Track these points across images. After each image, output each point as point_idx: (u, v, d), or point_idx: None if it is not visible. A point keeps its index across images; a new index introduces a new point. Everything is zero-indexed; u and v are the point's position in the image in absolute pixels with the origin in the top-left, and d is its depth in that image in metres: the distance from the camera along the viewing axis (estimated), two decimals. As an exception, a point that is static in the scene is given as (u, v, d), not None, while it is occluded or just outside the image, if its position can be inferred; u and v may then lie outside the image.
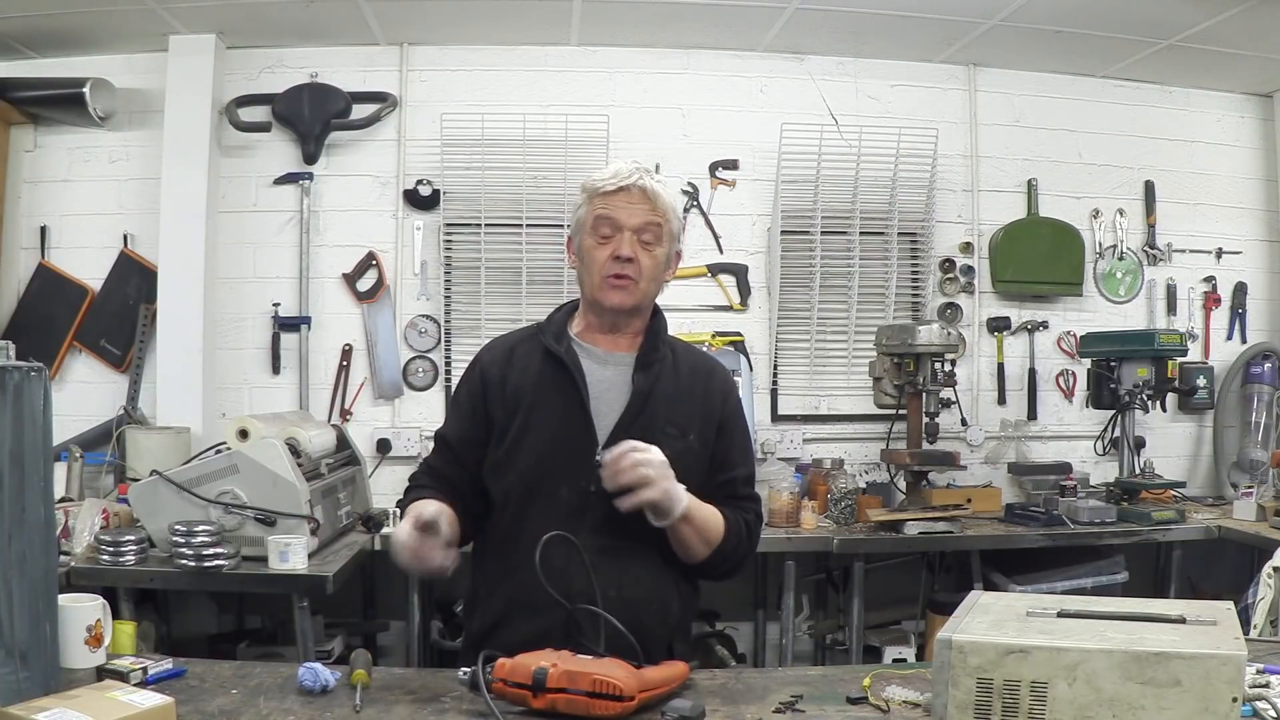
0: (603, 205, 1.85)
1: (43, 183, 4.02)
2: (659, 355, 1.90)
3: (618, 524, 1.76)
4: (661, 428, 1.84)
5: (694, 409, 1.90)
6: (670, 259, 1.92)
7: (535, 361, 1.89)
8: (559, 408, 1.85)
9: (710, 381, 1.96)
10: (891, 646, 3.76)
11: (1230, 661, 1.25)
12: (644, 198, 1.85)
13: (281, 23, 3.83)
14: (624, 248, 1.83)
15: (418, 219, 4.08)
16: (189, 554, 2.76)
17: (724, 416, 1.94)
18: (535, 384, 1.87)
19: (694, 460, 1.86)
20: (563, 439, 1.83)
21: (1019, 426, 4.37)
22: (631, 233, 1.84)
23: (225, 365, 4.00)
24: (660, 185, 1.87)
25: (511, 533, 1.85)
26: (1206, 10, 3.64)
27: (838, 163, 4.18)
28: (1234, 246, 4.51)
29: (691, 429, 1.88)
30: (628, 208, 1.84)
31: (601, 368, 1.89)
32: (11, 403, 1.47)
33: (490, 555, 1.91)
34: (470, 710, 1.55)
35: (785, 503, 3.64)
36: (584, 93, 4.14)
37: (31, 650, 1.48)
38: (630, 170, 1.86)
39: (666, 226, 1.87)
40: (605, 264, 1.84)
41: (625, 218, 1.84)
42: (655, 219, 1.85)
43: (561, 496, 1.81)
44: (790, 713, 1.56)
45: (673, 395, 1.88)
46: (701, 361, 2.01)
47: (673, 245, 1.91)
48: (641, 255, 1.84)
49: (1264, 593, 2.65)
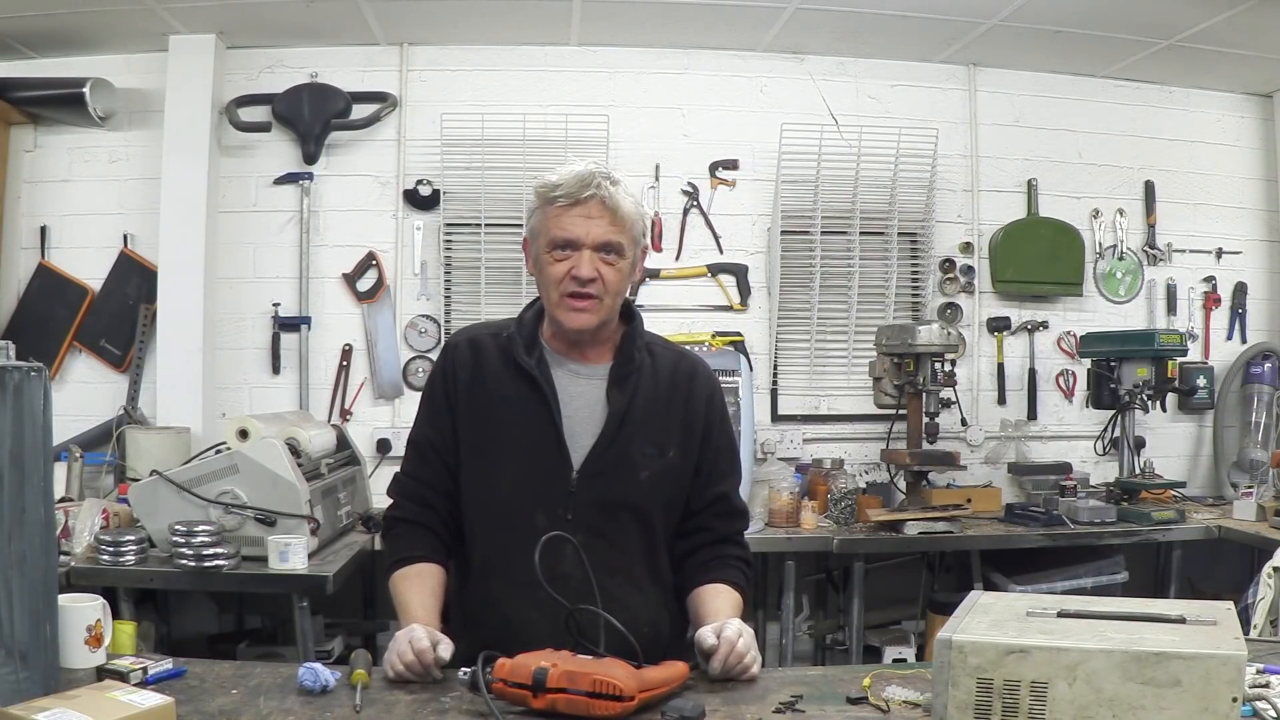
0: (558, 220, 1.71)
1: (43, 183, 4.02)
2: (635, 365, 1.80)
3: (596, 551, 1.71)
4: (639, 448, 1.77)
5: (674, 421, 1.81)
6: (636, 263, 1.80)
7: (507, 375, 1.79)
8: (531, 430, 1.76)
9: (692, 386, 1.85)
10: (891, 646, 3.76)
11: (1230, 661, 1.25)
12: (603, 210, 1.70)
13: (281, 23, 3.83)
14: (583, 268, 1.69)
15: (418, 219, 4.08)
16: (189, 554, 2.76)
17: (708, 423, 1.84)
18: (504, 403, 1.78)
19: (675, 476, 1.80)
20: (537, 465, 1.76)
21: (1019, 426, 4.37)
22: (591, 250, 1.70)
23: (225, 365, 4.00)
24: (621, 192, 1.72)
25: (489, 563, 1.80)
26: (1206, 10, 3.64)
27: (838, 163, 4.18)
28: (1234, 246, 4.51)
29: (671, 444, 1.80)
30: (585, 223, 1.69)
31: (574, 381, 1.80)
32: (11, 403, 1.47)
33: (471, 584, 1.84)
34: (470, 710, 1.55)
35: (785, 503, 3.64)
36: (584, 93, 4.14)
37: (31, 650, 1.48)
38: (587, 177, 1.70)
39: (630, 234, 1.74)
40: (563, 282, 1.71)
41: (583, 235, 1.70)
42: (616, 237, 1.71)
43: (538, 524, 1.71)
44: (790, 713, 1.56)
45: (651, 410, 1.79)
46: (682, 363, 1.88)
47: (637, 249, 1.78)
48: (604, 271, 1.71)
49: (1264, 593, 2.65)
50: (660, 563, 1.85)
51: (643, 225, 1.78)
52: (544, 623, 1.68)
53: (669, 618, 1.86)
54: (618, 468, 1.77)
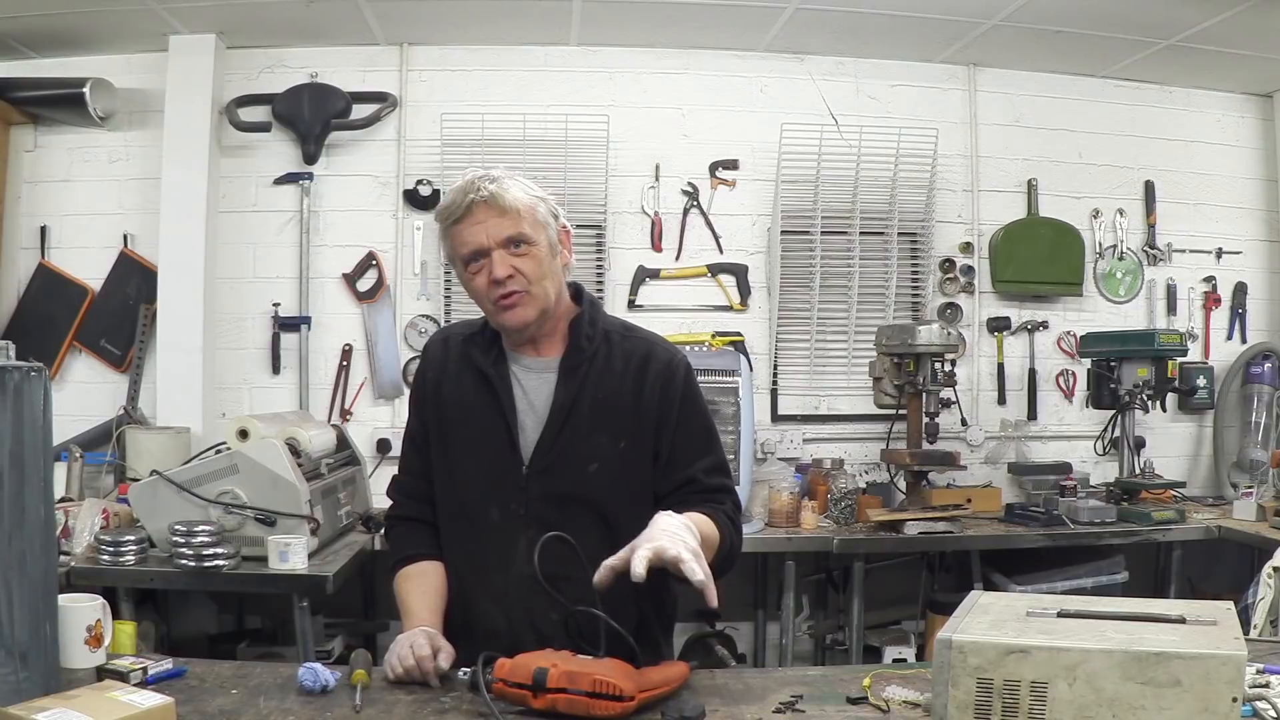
0: (457, 236, 1.74)
1: (43, 183, 4.02)
2: (585, 354, 1.79)
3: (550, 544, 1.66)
4: (586, 438, 1.76)
5: (626, 409, 1.78)
6: (554, 243, 1.78)
7: (467, 374, 1.84)
8: (486, 427, 1.79)
9: (644, 374, 1.80)
10: (891, 646, 3.76)
11: (1230, 661, 1.25)
12: (490, 209, 1.71)
13: (281, 23, 3.83)
14: (496, 269, 1.71)
15: (418, 219, 4.08)
16: (189, 554, 2.76)
17: (662, 411, 1.79)
18: (463, 400, 1.83)
19: (631, 465, 1.77)
20: (491, 461, 1.79)
21: (1019, 426, 4.37)
22: (499, 250, 1.72)
23: (225, 365, 4.00)
24: (504, 186, 1.73)
25: (452, 558, 1.85)
26: (1206, 10, 3.64)
27: (838, 163, 4.18)
28: (1234, 246, 4.51)
29: (624, 433, 1.78)
30: (479, 228, 1.72)
31: (528, 375, 1.82)
32: (11, 403, 1.47)
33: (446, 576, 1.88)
34: (470, 710, 1.55)
35: (785, 503, 3.64)
36: (584, 93, 4.14)
37: (31, 650, 1.48)
38: (466, 187, 1.73)
39: (531, 220, 1.73)
40: (488, 290, 1.74)
41: (483, 239, 1.72)
42: (514, 229, 1.72)
43: (493, 520, 1.78)
44: (790, 713, 1.56)
45: (601, 399, 1.78)
46: (637, 349, 1.83)
47: (549, 229, 1.77)
48: (518, 264, 1.72)
49: (1264, 593, 2.65)
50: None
51: (546, 207, 1.78)
52: (498, 615, 1.76)
53: (636, 611, 1.79)
54: (566, 460, 1.77)
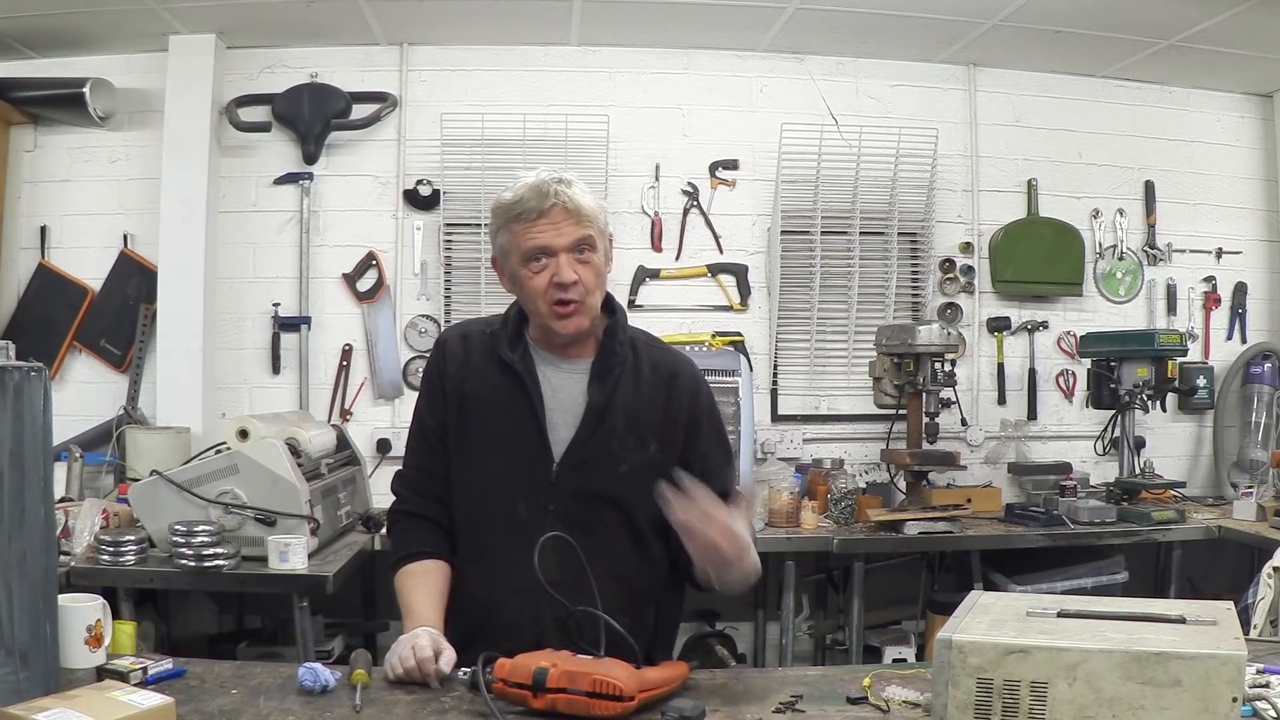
0: (528, 234, 1.73)
1: (43, 183, 4.02)
2: (617, 359, 1.82)
3: (576, 541, 1.70)
4: (620, 439, 1.79)
5: (655, 416, 1.82)
6: (609, 253, 1.81)
7: (492, 370, 1.83)
8: (514, 422, 1.80)
9: (674, 384, 1.85)
10: (891, 646, 3.76)
11: (1230, 661, 1.25)
12: (567, 214, 1.72)
13: (281, 23, 3.83)
14: (564, 273, 1.72)
15: (418, 219, 4.08)
16: (189, 554, 2.76)
17: (692, 422, 1.85)
18: (490, 395, 1.82)
19: (657, 472, 1.74)
20: (519, 456, 1.79)
21: (1019, 426, 4.37)
22: (566, 254, 1.73)
23: (225, 365, 4.00)
24: (579, 192, 1.74)
25: (473, 553, 1.83)
26: (1206, 10, 3.64)
27: (838, 163, 4.18)
28: (1234, 246, 4.51)
29: (652, 439, 1.81)
30: (554, 229, 1.72)
31: (557, 375, 1.83)
32: (11, 403, 1.47)
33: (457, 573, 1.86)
34: (470, 710, 1.55)
35: (785, 503, 3.64)
36: (584, 93, 4.14)
37: (31, 650, 1.48)
38: (544, 187, 1.72)
39: (596, 228, 1.76)
40: (547, 291, 1.74)
41: (556, 241, 1.72)
42: (586, 231, 1.74)
43: (520, 515, 1.77)
44: (790, 713, 1.56)
45: (632, 404, 1.81)
46: (664, 360, 1.88)
47: (604, 239, 1.80)
48: (581, 271, 1.74)
49: (1264, 593, 2.65)
50: (646, 556, 1.84)
51: (604, 215, 1.81)
52: (524, 610, 1.73)
53: (654, 609, 1.86)
54: (598, 459, 1.79)
